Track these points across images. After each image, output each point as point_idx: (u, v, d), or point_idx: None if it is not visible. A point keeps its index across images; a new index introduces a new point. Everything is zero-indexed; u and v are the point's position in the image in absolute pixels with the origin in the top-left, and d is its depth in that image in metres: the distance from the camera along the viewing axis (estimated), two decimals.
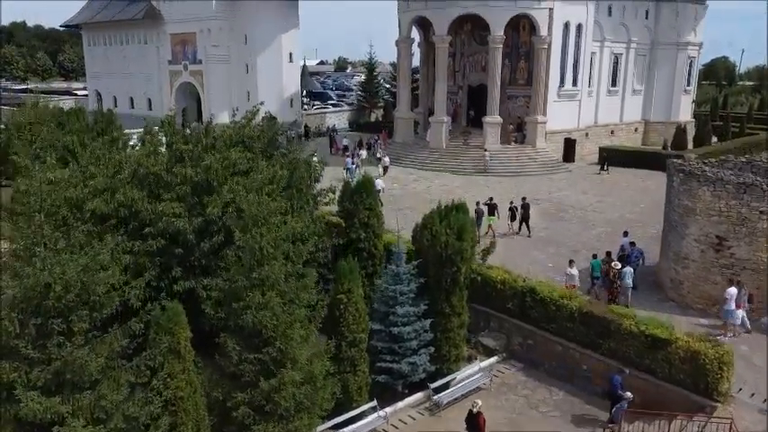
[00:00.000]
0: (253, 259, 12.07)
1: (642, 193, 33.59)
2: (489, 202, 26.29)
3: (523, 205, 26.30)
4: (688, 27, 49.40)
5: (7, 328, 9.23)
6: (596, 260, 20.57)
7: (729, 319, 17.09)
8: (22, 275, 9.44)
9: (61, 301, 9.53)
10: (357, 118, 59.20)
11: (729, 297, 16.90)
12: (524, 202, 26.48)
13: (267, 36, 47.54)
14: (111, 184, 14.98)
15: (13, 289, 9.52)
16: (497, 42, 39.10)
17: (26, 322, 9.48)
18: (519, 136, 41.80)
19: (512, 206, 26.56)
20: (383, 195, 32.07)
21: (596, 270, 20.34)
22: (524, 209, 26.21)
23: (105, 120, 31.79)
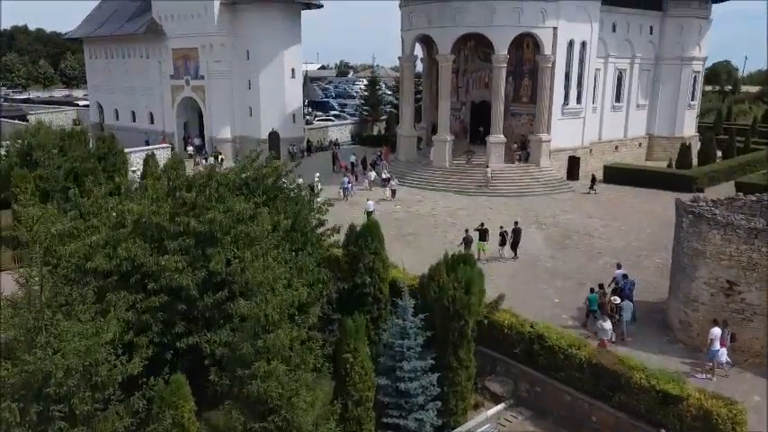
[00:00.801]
0: (258, 326, 11.86)
1: (648, 216, 33.29)
2: (480, 227, 26.38)
3: (514, 230, 26.38)
4: (692, 42, 49.18)
5: (8, 418, 9.01)
6: (593, 294, 20.68)
7: (714, 358, 17.21)
8: (22, 364, 9.22)
9: (62, 387, 9.33)
10: (360, 131, 58.96)
11: (714, 338, 17.05)
12: (516, 227, 26.54)
13: (269, 52, 47.31)
14: (114, 237, 14.75)
15: (14, 377, 9.29)
16: (501, 62, 38.86)
17: (27, 409, 9.27)
18: (523, 154, 41.55)
19: (502, 231, 26.68)
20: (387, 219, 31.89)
21: (593, 304, 20.47)
22: (515, 234, 26.29)
23: (107, 145, 31.69)
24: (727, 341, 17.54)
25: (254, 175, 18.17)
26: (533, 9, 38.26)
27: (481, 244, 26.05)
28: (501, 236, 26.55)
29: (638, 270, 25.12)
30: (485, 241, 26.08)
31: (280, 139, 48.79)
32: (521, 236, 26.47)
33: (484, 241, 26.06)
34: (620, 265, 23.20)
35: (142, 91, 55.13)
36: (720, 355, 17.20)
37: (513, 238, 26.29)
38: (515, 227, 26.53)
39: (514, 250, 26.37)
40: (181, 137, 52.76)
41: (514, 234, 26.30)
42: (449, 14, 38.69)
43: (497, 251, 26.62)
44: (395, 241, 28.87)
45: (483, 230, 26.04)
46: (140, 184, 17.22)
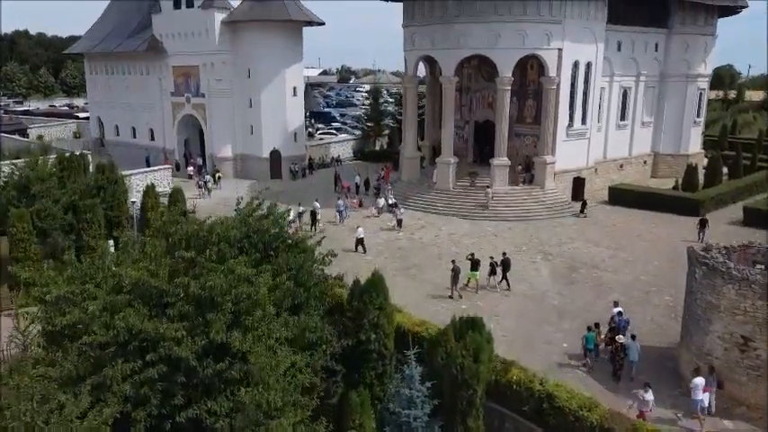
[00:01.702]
0: (260, 411, 11.41)
1: (655, 245, 32.78)
2: (471, 257, 26.56)
3: (503, 260, 26.70)
4: (698, 59, 48.70)
5: None
6: (591, 333, 20.55)
7: (696, 407, 17.00)
8: None
9: None
10: (362, 146, 58.49)
11: (695, 387, 16.97)
12: (504, 258, 26.85)
13: (270, 70, 46.87)
14: (112, 303, 14.28)
15: None
16: (505, 84, 38.38)
17: None
18: (527, 176, 41.06)
19: (492, 261, 26.91)
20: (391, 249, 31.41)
21: (590, 343, 20.40)
22: (504, 264, 26.63)
23: (106, 176, 31.26)
24: (713, 387, 17.42)
25: (255, 226, 17.72)
26: (538, 31, 37.77)
27: (472, 273, 26.36)
28: (491, 266, 26.86)
29: (647, 309, 24.70)
30: (476, 271, 26.36)
31: (281, 158, 48.34)
32: (510, 265, 26.77)
33: (475, 271, 26.36)
34: (617, 303, 23.15)
35: (142, 107, 54.72)
36: (704, 403, 17.10)
37: (503, 269, 26.60)
38: (504, 257, 26.87)
39: (506, 280, 26.67)
40: (181, 154, 52.33)
41: (503, 264, 26.63)
42: (453, 37, 38.19)
43: (486, 280, 26.81)
44: (399, 275, 28.50)
45: (474, 261, 26.39)
46: (139, 241, 16.63)
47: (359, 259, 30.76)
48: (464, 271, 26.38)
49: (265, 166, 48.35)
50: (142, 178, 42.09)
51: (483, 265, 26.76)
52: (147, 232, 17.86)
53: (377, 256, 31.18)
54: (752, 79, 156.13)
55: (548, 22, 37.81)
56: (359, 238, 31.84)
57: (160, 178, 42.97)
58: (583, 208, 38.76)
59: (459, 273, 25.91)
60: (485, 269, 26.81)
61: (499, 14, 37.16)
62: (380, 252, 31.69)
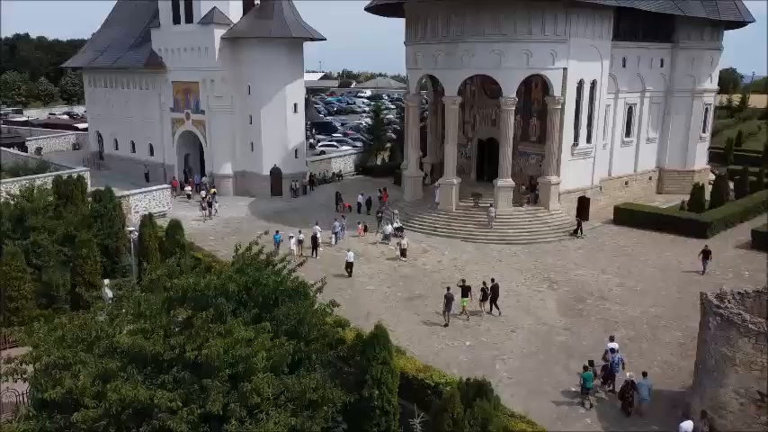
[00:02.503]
0: None
1: (663, 272, 32.16)
2: (462, 284, 26.68)
3: (492, 287, 27.00)
4: (704, 73, 48.08)
5: None
6: (588, 373, 20.31)
7: None
8: None
9: None
10: (364, 161, 57.87)
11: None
12: (494, 284, 27.15)
13: (271, 87, 46.27)
14: (104, 370, 13.69)
15: None
16: (509, 105, 37.77)
17: None
18: (531, 196, 40.44)
19: (483, 287, 27.18)
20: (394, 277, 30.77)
21: (588, 382, 20.19)
22: (493, 290, 26.97)
23: (103, 204, 30.75)
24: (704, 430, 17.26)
25: (254, 276, 17.11)
26: (543, 51, 37.14)
27: (463, 300, 26.41)
28: (482, 291, 27.12)
29: (656, 348, 24.09)
30: (466, 297, 26.51)
31: (282, 176, 47.75)
32: (498, 292, 27.10)
33: (466, 297, 26.49)
34: (612, 337, 22.89)
35: (142, 122, 54.16)
36: None
37: (492, 295, 26.91)
38: (493, 283, 27.18)
39: (495, 305, 26.95)
40: (181, 170, 51.73)
41: (492, 290, 26.97)
42: (456, 56, 37.58)
43: (479, 306, 27.01)
44: (402, 306, 27.92)
45: (465, 287, 26.57)
46: (134, 298, 16.02)
47: (360, 288, 30.21)
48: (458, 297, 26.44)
49: (266, 184, 47.75)
50: (141, 198, 41.56)
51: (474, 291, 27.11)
52: (145, 276, 17.21)
53: (380, 284, 30.59)
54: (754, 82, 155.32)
55: (553, 41, 37.20)
56: (348, 261, 31.73)
57: (159, 198, 42.43)
58: (578, 228, 38.14)
59: (451, 300, 25.97)
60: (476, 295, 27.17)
61: (503, 34, 36.54)
62: (383, 280, 31.08)
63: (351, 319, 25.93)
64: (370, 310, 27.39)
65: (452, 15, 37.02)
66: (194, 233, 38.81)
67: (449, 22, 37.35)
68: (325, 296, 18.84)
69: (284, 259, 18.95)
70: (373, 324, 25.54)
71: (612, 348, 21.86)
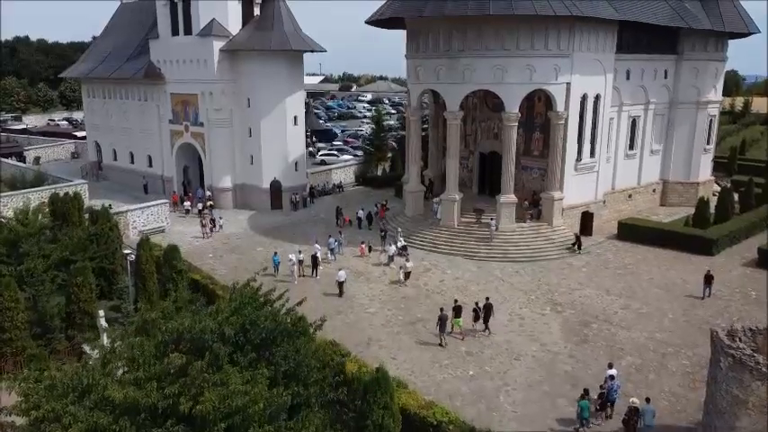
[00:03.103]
0: None
1: (668, 293, 31.62)
2: (455, 304, 26.98)
3: (485, 306, 27.02)
4: (708, 85, 47.56)
5: None
6: (585, 401, 20.02)
7: None
8: None
9: None
10: (364, 171, 57.36)
11: None
12: (487, 303, 27.18)
13: (270, 100, 45.78)
14: (95, 425, 13.20)
15: None
16: (512, 121, 37.25)
17: None
18: (534, 212, 39.94)
19: (475, 307, 27.24)
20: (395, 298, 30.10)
21: (585, 411, 19.91)
22: (486, 309, 26.97)
23: (100, 225, 30.32)
24: None
25: (252, 317, 16.60)
26: (546, 66, 36.63)
27: (456, 320, 26.61)
28: (474, 311, 27.16)
29: (663, 377, 23.55)
30: (458, 318, 26.65)
31: (282, 189, 47.24)
32: (491, 311, 27.05)
33: (458, 318, 26.64)
34: (611, 364, 22.57)
35: (140, 133, 53.69)
36: None
37: (485, 314, 26.87)
38: (486, 302, 27.15)
39: (486, 325, 26.94)
40: (180, 182, 51.23)
41: (485, 310, 26.92)
42: (458, 71, 37.06)
43: (471, 326, 27.06)
44: (404, 331, 27.37)
45: (457, 307, 26.77)
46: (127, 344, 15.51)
47: (360, 310, 29.69)
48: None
49: (265, 197, 47.25)
50: (139, 214, 41.07)
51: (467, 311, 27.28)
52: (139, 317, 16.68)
53: (381, 307, 30.06)
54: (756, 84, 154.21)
55: (556, 56, 36.68)
56: (340, 281, 31.46)
57: (157, 213, 41.93)
58: (576, 243, 37.67)
59: (446, 320, 26.07)
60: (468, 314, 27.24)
61: (506, 49, 36.02)
62: (384, 302, 30.56)
63: (351, 346, 25.55)
64: (371, 336, 26.91)
65: (454, 31, 36.51)
66: (192, 250, 38.36)
67: (450, 36, 36.83)
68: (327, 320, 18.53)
69: (282, 296, 18.40)
70: (375, 351, 25.39)
71: (611, 375, 21.59)
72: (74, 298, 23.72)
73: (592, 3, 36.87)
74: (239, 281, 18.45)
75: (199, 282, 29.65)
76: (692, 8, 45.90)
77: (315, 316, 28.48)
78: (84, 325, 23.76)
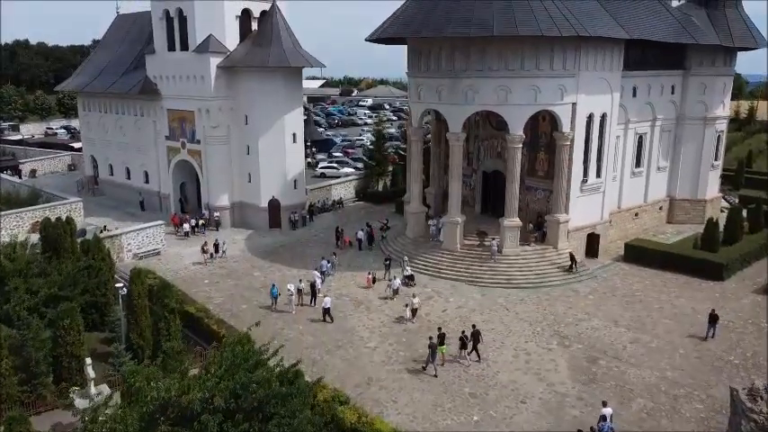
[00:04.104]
0: None
1: (678, 324, 30.61)
2: (439, 332, 27.07)
3: (473, 333, 27.10)
4: (716, 100, 46.51)
5: None
6: None
7: None
8: None
9: None
10: (365, 186, 56.34)
11: None
12: (474, 330, 27.26)
13: (269, 117, 44.79)
14: None
15: None
16: (516, 143, 36.26)
17: None
18: (539, 234, 38.93)
19: (462, 335, 27.04)
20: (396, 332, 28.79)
21: None
22: (474, 336, 27.03)
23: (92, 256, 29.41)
24: None
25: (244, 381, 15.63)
26: (551, 86, 35.63)
27: (440, 348, 26.38)
28: (461, 340, 26.92)
29: (677, 423, 22.54)
30: (443, 345, 26.51)
31: (280, 207, 46.27)
32: (479, 337, 27.15)
33: (443, 345, 26.49)
34: (605, 402, 22.14)
35: (137, 149, 52.77)
36: None
37: (473, 341, 26.88)
38: (474, 329, 27.23)
39: (476, 352, 26.94)
40: (177, 199, 50.28)
41: (473, 336, 26.95)
42: (460, 91, 36.06)
43: (459, 355, 26.87)
44: (405, 371, 26.28)
45: (441, 335, 26.79)
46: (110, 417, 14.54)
47: (360, 345, 28.67)
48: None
49: (264, 215, 46.29)
50: (134, 236, 40.11)
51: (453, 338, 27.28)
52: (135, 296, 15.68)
53: (381, 341, 29.05)
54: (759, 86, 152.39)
55: (562, 76, 35.68)
56: (325, 308, 30.83)
57: (153, 235, 40.97)
58: (572, 264, 36.73)
59: (436, 349, 26.05)
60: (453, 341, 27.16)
61: (510, 69, 35.01)
62: (385, 336, 29.53)
63: (351, 387, 24.70)
64: (371, 375, 25.92)
65: (456, 50, 35.51)
66: (188, 275, 37.47)
67: (452, 56, 35.83)
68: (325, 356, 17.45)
69: (277, 352, 17.39)
70: (375, 392, 24.39)
71: (604, 416, 21.05)
72: (61, 341, 22.72)
73: (598, 21, 35.91)
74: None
75: (193, 315, 28.77)
76: (700, 22, 44.88)
77: (314, 350, 28.05)
78: (72, 369, 22.79)
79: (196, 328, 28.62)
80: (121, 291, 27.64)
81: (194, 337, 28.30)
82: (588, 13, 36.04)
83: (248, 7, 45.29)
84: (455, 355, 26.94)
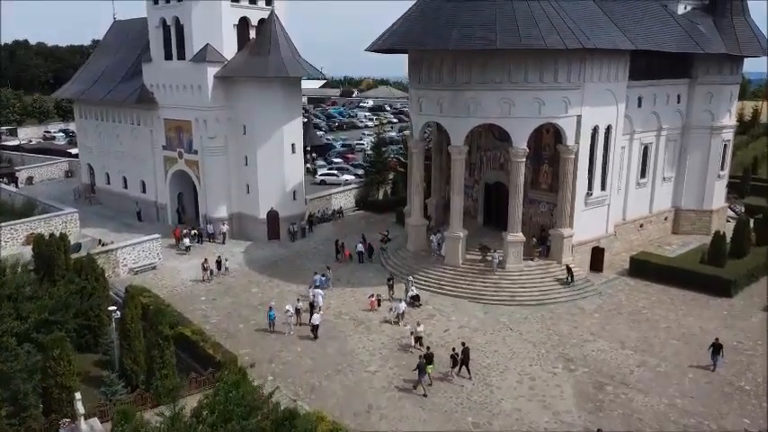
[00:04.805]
0: None
1: (686, 344, 29.86)
2: (427, 351, 26.91)
3: (463, 350, 27.08)
4: (723, 109, 45.70)
5: None
6: None
7: None
8: None
9: None
10: (365, 195, 55.56)
11: None
12: (464, 347, 27.23)
13: (267, 127, 43.99)
14: None
15: None
16: (520, 156, 35.47)
17: None
18: (543, 249, 38.15)
19: (453, 353, 27.02)
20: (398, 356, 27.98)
21: None
22: (464, 353, 27.00)
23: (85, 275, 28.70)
24: None
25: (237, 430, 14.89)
26: (556, 99, 34.84)
27: (428, 367, 26.10)
28: (452, 358, 26.90)
29: None
30: (431, 364, 26.27)
31: (279, 219, 45.50)
32: (469, 355, 27.12)
33: (430, 364, 26.23)
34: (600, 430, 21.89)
35: (134, 158, 51.99)
36: None
37: (463, 358, 26.86)
38: (464, 347, 27.23)
39: (467, 368, 26.89)
40: (174, 209, 49.54)
41: (464, 354, 26.95)
42: (462, 104, 35.26)
43: (449, 373, 26.77)
44: (406, 397, 25.50)
45: (429, 354, 26.60)
46: None
47: (360, 369, 27.85)
48: None
49: (262, 227, 45.53)
50: (129, 251, 39.37)
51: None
52: None
53: (382, 364, 28.26)
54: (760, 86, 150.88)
55: (566, 88, 34.90)
56: (314, 324, 30.48)
57: (149, 249, 40.23)
58: (569, 276, 36.01)
59: (424, 368, 25.90)
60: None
61: (513, 82, 34.21)
62: (386, 359, 28.74)
63: (350, 416, 24.05)
64: (371, 403, 25.16)
65: (458, 62, 34.70)
66: (185, 292, 36.75)
67: (454, 68, 35.02)
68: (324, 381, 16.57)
69: (272, 395, 16.64)
70: (375, 422, 23.63)
71: None
72: (50, 371, 21.97)
73: (603, 32, 35.12)
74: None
75: (189, 339, 28.02)
76: (706, 30, 44.07)
77: (312, 375, 27.29)
78: (62, 400, 22.04)
79: (192, 350, 27.88)
80: (115, 314, 26.95)
81: (190, 361, 27.56)
82: (593, 24, 35.26)
83: (246, 15, 44.46)
84: (445, 373, 26.81)
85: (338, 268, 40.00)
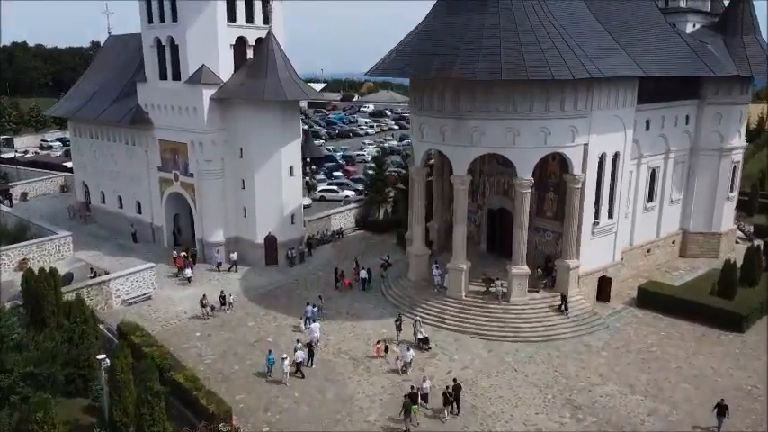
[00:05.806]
0: None
1: (697, 387, 28.80)
2: (411, 390, 26.54)
3: (455, 387, 26.88)
4: (732, 130, 44.61)
5: None
6: None
7: None
8: None
9: None
10: (365, 214, 54.42)
11: None
12: (456, 384, 27.07)
13: (265, 150, 42.82)
14: None
15: None
16: (525, 187, 34.33)
17: None
18: (549, 280, 37.03)
19: (445, 391, 26.65)
20: (398, 403, 27.25)
21: None
22: (456, 390, 26.81)
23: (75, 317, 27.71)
24: None
25: None
26: (562, 128, 33.68)
27: (413, 407, 25.67)
28: (444, 396, 26.52)
29: None
30: (416, 404, 25.90)
31: (277, 243, 44.39)
32: (460, 392, 26.95)
33: (415, 404, 25.84)
34: None
35: (129, 178, 50.86)
36: None
37: (454, 395, 26.58)
38: (455, 383, 27.06)
39: (457, 405, 26.71)
40: (170, 231, 48.45)
41: (455, 391, 26.72)
42: (465, 133, 34.10)
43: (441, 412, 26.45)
44: None
45: (413, 394, 26.25)
46: None
47: (360, 419, 26.70)
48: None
49: (260, 252, 44.40)
50: (122, 281, 38.28)
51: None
52: None
53: (382, 412, 27.11)
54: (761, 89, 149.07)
55: (573, 117, 33.75)
56: (297, 362, 29.65)
57: (143, 279, 39.14)
58: (563, 304, 34.98)
59: (409, 407, 25.53)
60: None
61: (518, 111, 33.03)
62: (386, 406, 27.57)
63: None
64: None
65: (461, 90, 33.52)
66: (179, 326, 35.66)
67: (457, 96, 33.81)
68: None
69: None
70: None
71: None
72: None
73: (611, 59, 33.97)
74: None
75: (182, 386, 26.94)
76: (716, 50, 42.98)
77: (309, 426, 26.16)
78: None
79: (185, 398, 26.82)
80: (104, 362, 25.87)
81: (183, 409, 26.54)
82: (600, 50, 34.14)
83: (243, 35, 43.28)
84: (438, 410, 26.56)
85: (337, 298, 38.94)
